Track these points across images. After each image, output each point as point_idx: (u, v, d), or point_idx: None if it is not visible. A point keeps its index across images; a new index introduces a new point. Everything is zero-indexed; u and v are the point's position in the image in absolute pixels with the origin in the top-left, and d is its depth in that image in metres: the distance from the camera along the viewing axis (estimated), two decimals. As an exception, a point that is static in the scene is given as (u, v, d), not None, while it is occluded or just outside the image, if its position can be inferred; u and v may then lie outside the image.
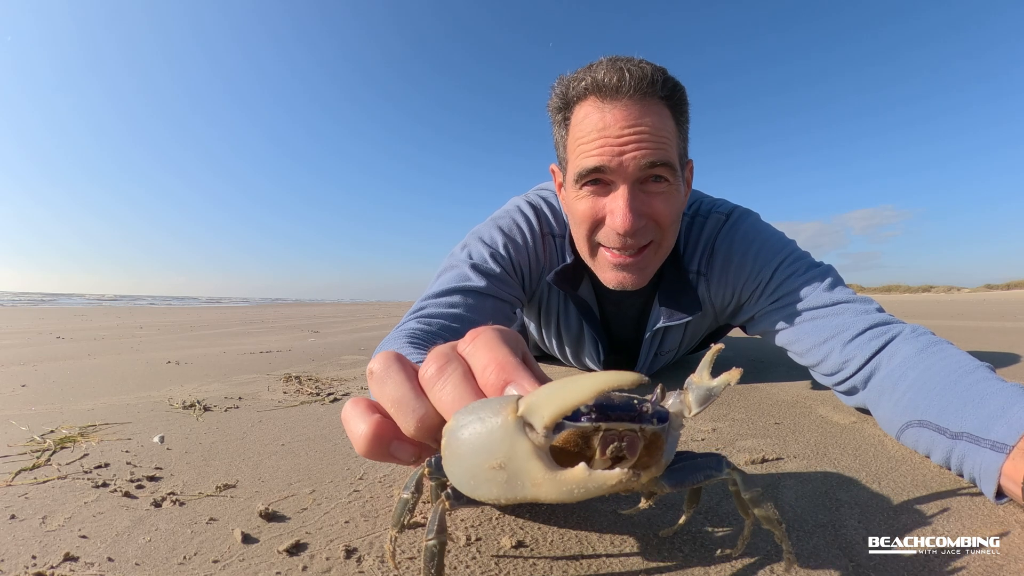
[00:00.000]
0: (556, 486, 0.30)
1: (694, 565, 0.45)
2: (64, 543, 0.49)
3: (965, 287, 26.40)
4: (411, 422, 0.39)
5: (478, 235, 1.11)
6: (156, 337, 3.07)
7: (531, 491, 0.30)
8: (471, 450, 0.31)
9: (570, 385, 0.31)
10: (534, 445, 0.30)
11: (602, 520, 0.53)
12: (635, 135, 0.86)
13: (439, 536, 0.36)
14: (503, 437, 0.31)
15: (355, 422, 0.42)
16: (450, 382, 0.38)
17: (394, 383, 0.40)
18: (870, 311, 0.89)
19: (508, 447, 0.30)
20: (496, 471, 0.31)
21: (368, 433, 0.40)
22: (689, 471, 0.41)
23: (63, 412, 1.05)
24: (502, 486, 0.31)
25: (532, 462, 0.30)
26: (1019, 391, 0.61)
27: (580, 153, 0.90)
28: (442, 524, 0.36)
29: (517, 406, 0.31)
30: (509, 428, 0.31)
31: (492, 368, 0.38)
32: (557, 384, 0.31)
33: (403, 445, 0.41)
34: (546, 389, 0.31)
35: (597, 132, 0.88)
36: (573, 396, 0.30)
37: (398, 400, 0.40)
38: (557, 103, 0.97)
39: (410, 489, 0.40)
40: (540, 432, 0.31)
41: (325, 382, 1.44)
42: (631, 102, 0.87)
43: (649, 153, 0.86)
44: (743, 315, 1.12)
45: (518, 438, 0.30)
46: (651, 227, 0.92)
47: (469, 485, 0.32)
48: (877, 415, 0.82)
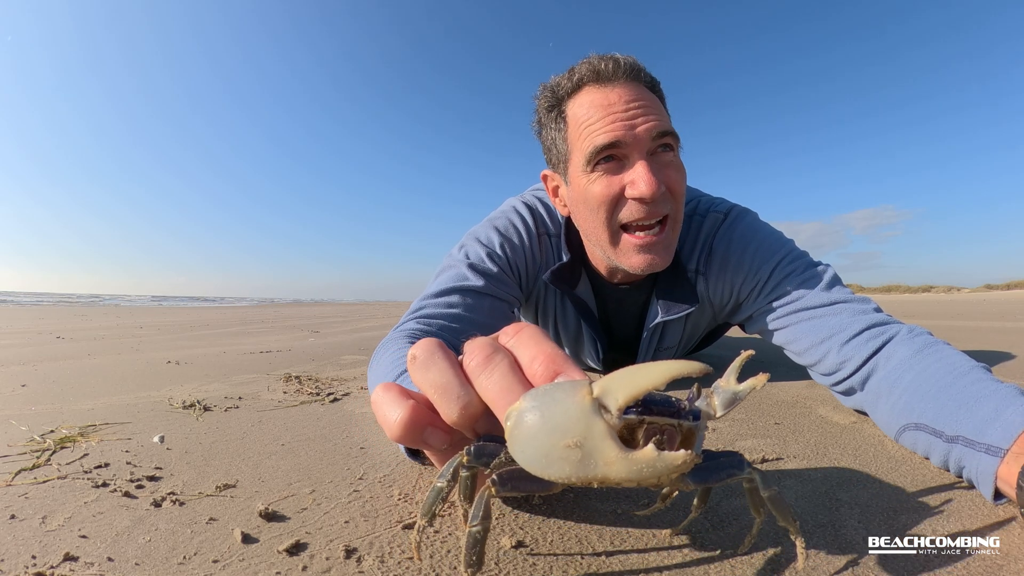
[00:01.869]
0: (628, 465, 0.31)
1: (694, 565, 0.45)
2: (64, 543, 0.49)
3: (965, 287, 26.41)
4: (455, 409, 0.39)
5: (475, 236, 1.11)
6: (156, 337, 3.07)
7: (602, 470, 0.31)
8: (547, 429, 0.32)
9: (643, 371, 0.32)
10: (608, 426, 0.31)
11: (602, 520, 0.53)
12: (640, 107, 0.90)
13: (484, 522, 0.36)
14: (580, 417, 0.31)
15: (389, 407, 0.41)
16: (497, 371, 0.38)
17: (439, 369, 0.40)
18: (868, 311, 0.89)
19: (584, 426, 0.31)
20: (571, 450, 0.31)
21: (404, 418, 0.40)
22: (713, 469, 0.42)
23: (63, 412, 1.05)
24: (575, 464, 0.31)
25: (606, 442, 0.31)
26: (1013, 393, 0.61)
27: (588, 135, 0.92)
28: (487, 510, 0.36)
29: (591, 389, 0.32)
30: (586, 408, 0.31)
31: (541, 360, 0.38)
32: (631, 369, 0.33)
33: (437, 432, 0.41)
34: (620, 373, 0.33)
35: (604, 110, 0.90)
36: (647, 380, 0.32)
37: (443, 386, 0.39)
38: (547, 104, 0.99)
39: (445, 477, 0.40)
40: (614, 414, 0.32)
41: (325, 382, 1.44)
42: (627, 82, 0.92)
43: (658, 123, 0.90)
44: (741, 314, 1.12)
45: (594, 418, 0.31)
46: (667, 197, 0.94)
47: (541, 464, 0.32)
48: (875, 417, 0.82)
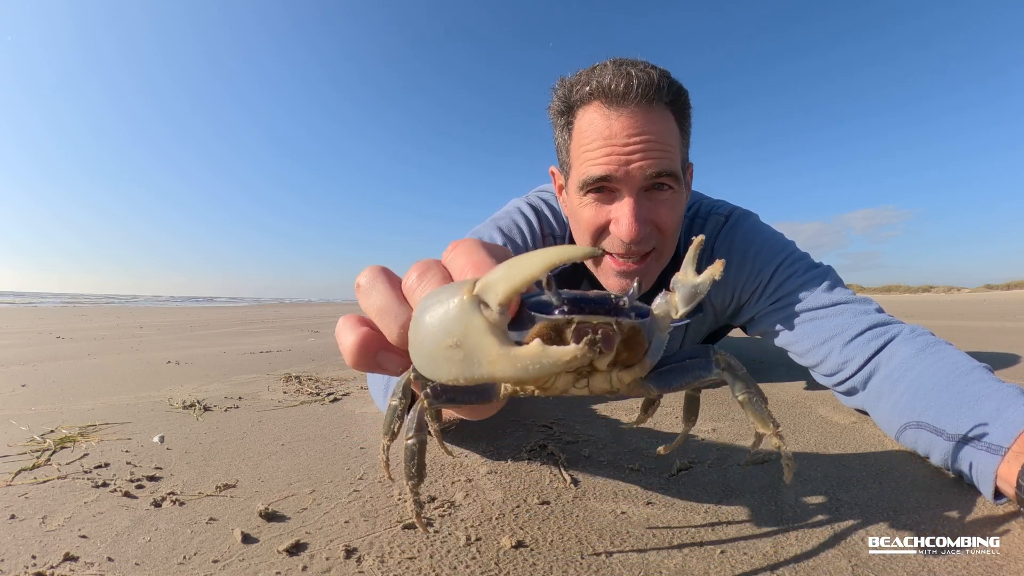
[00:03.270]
0: (511, 362, 0.30)
1: (694, 565, 0.45)
2: (64, 543, 0.49)
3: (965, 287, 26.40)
4: (394, 328, 0.40)
5: (477, 235, 1.10)
6: (156, 337, 3.07)
7: (487, 368, 0.30)
8: (430, 331, 0.31)
9: (522, 260, 0.31)
10: (488, 322, 0.30)
11: (602, 520, 0.53)
12: (641, 143, 0.85)
13: (418, 434, 0.38)
14: (458, 315, 0.31)
15: (344, 334, 0.42)
16: (430, 285, 0.38)
17: (378, 292, 0.41)
18: (869, 311, 0.89)
19: (463, 325, 0.30)
20: (453, 349, 0.31)
21: (356, 342, 0.41)
22: (678, 373, 0.41)
23: (63, 412, 1.05)
24: (459, 364, 0.31)
25: (486, 338, 0.30)
26: (1014, 392, 0.61)
27: (585, 160, 0.89)
28: (421, 422, 0.38)
29: (473, 286, 0.31)
30: (464, 306, 0.31)
31: (469, 269, 0.38)
32: (509, 261, 0.32)
33: (389, 355, 0.42)
34: (499, 268, 0.32)
35: (603, 140, 0.87)
36: (525, 271, 0.30)
37: (382, 308, 0.40)
38: (559, 106, 0.96)
39: (397, 395, 0.41)
40: (495, 309, 0.31)
41: (325, 382, 1.44)
42: (637, 109, 0.86)
43: (655, 163, 0.86)
44: (743, 316, 1.12)
45: (473, 315, 0.30)
46: (654, 234, 0.92)
47: (430, 367, 0.32)
48: (876, 416, 0.82)
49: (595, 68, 0.91)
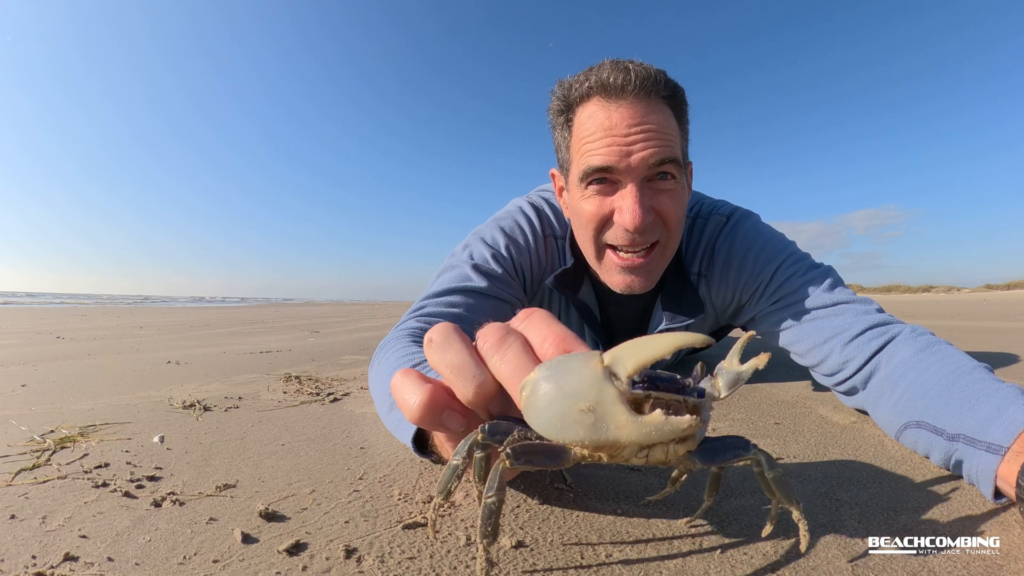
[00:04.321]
0: (637, 428, 0.34)
1: (694, 565, 0.45)
2: (64, 543, 0.49)
3: (965, 287, 26.39)
4: (471, 387, 0.40)
5: (480, 235, 1.10)
6: (156, 337, 3.07)
7: (614, 433, 0.34)
8: (562, 395, 0.34)
9: (651, 341, 0.35)
10: (619, 391, 0.34)
11: (602, 520, 0.53)
12: (642, 133, 0.86)
13: (499, 494, 0.38)
14: (592, 383, 0.34)
15: (409, 391, 0.43)
16: (510, 351, 0.40)
17: (455, 350, 0.42)
18: (870, 311, 0.89)
19: (597, 392, 0.34)
20: (585, 414, 0.34)
21: (424, 400, 0.42)
22: (719, 450, 0.43)
23: (63, 412, 1.05)
24: (589, 427, 0.34)
25: (617, 406, 0.34)
26: (1015, 392, 0.61)
27: (586, 152, 0.89)
28: (502, 483, 0.38)
29: (603, 358, 0.35)
30: (598, 375, 0.34)
31: (551, 340, 0.40)
32: (639, 340, 0.35)
33: (454, 414, 0.43)
34: (628, 344, 0.35)
35: (603, 131, 0.87)
36: (654, 350, 0.34)
37: (459, 366, 0.41)
38: (558, 105, 0.96)
39: (460, 455, 0.41)
40: (624, 381, 0.34)
41: (325, 382, 1.44)
42: (636, 100, 0.87)
43: (657, 151, 0.86)
44: (744, 316, 1.12)
45: (606, 384, 0.34)
46: (658, 225, 0.92)
47: (556, 428, 0.35)
48: (876, 416, 0.82)
49: (593, 67, 0.92)
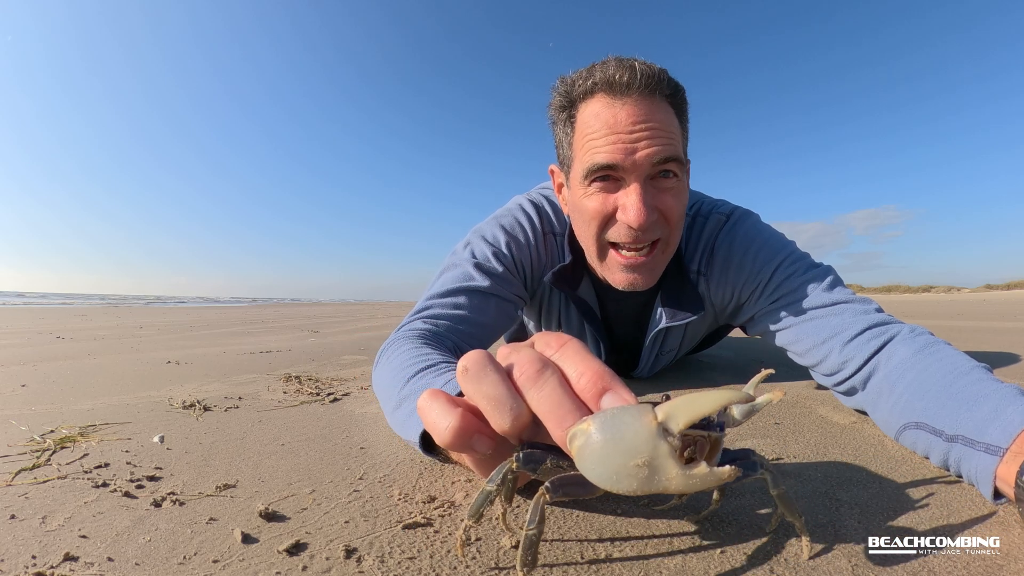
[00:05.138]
0: (685, 480, 0.36)
1: (694, 565, 0.45)
2: (64, 543, 0.49)
3: (965, 287, 26.39)
4: (507, 420, 0.41)
5: (480, 233, 1.10)
6: (156, 337, 3.07)
7: (664, 484, 0.36)
8: (618, 450, 0.36)
9: (701, 398, 0.37)
10: (671, 447, 0.36)
11: (602, 520, 0.53)
12: (646, 131, 0.87)
13: (539, 526, 0.40)
14: (647, 439, 0.36)
15: (439, 416, 0.44)
16: (548, 385, 0.41)
17: (491, 382, 0.42)
18: (869, 311, 0.89)
19: (652, 448, 0.36)
20: (640, 468, 0.36)
21: (456, 426, 0.43)
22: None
23: (63, 412, 1.05)
24: (643, 480, 0.36)
25: (670, 461, 0.36)
26: (1014, 392, 0.61)
27: (589, 149, 0.90)
28: (542, 515, 0.40)
29: (656, 414, 0.37)
30: (652, 432, 0.36)
31: (588, 376, 0.41)
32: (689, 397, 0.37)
33: (483, 439, 0.44)
34: (680, 401, 0.37)
35: (608, 128, 0.87)
36: (704, 407, 0.37)
37: (496, 398, 0.42)
38: (561, 101, 0.96)
39: (495, 482, 0.42)
40: (676, 436, 0.37)
41: (325, 382, 1.44)
42: (640, 98, 0.87)
43: (661, 149, 0.87)
44: (743, 315, 1.12)
45: (660, 442, 0.36)
46: (660, 223, 0.93)
47: (611, 480, 0.37)
48: (875, 416, 0.82)
49: (596, 64, 0.92)
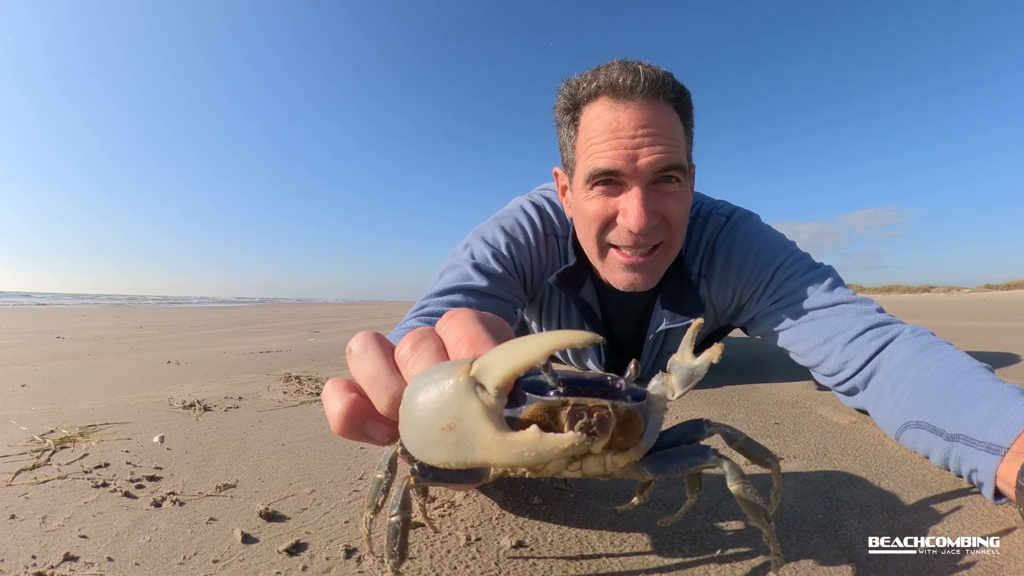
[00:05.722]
0: (506, 448, 0.29)
1: (694, 565, 0.45)
2: (64, 543, 0.49)
3: (965, 287, 26.39)
4: (384, 398, 0.39)
5: (480, 234, 1.10)
6: (156, 337, 3.07)
7: (481, 454, 0.29)
8: (423, 412, 0.31)
9: (522, 344, 0.30)
10: (484, 406, 0.30)
11: (602, 520, 0.53)
12: (649, 136, 0.86)
13: (402, 512, 0.36)
14: (453, 397, 0.30)
15: (332, 400, 0.42)
16: (423, 358, 0.38)
17: (370, 360, 0.41)
18: (870, 311, 0.89)
19: (458, 407, 0.30)
20: (446, 432, 0.30)
21: (343, 411, 0.40)
22: (673, 458, 0.39)
23: (63, 412, 1.05)
24: (451, 448, 0.30)
25: (482, 423, 0.29)
26: (1015, 392, 0.61)
27: (592, 153, 0.90)
28: (406, 500, 0.36)
29: (470, 367, 0.31)
30: (460, 388, 0.30)
31: (463, 343, 0.37)
32: (509, 343, 0.31)
33: (377, 425, 0.41)
34: (498, 349, 0.31)
35: (610, 132, 0.87)
36: (525, 355, 0.30)
37: (373, 376, 0.40)
38: (565, 104, 0.96)
39: (383, 468, 0.39)
40: (492, 393, 0.30)
41: (325, 382, 1.44)
42: (644, 102, 0.87)
43: (663, 157, 0.87)
44: (743, 316, 1.12)
45: (468, 398, 0.30)
46: (662, 227, 0.92)
47: (421, 448, 0.31)
48: (876, 416, 0.82)
49: (601, 67, 0.92)
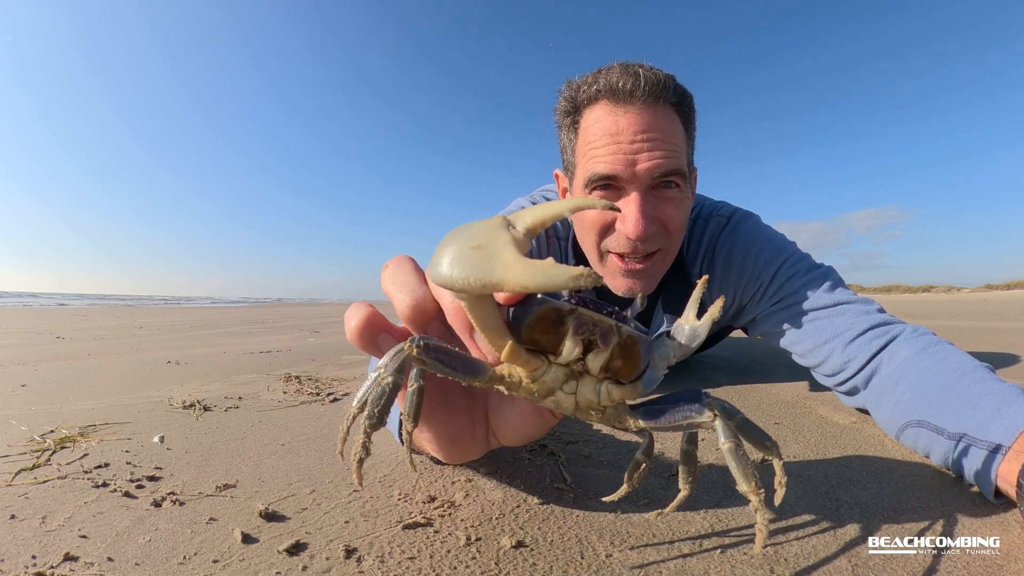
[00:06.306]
0: (524, 267, 0.32)
1: (694, 565, 0.45)
2: (64, 543, 0.49)
3: (965, 287, 26.39)
4: (408, 300, 0.42)
5: None
6: (156, 337, 3.07)
7: (500, 272, 0.32)
8: (460, 239, 0.34)
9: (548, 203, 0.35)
10: (512, 237, 0.34)
11: (602, 520, 0.53)
12: (647, 141, 0.85)
13: (396, 376, 0.37)
14: (488, 227, 0.35)
15: (353, 312, 0.45)
16: None
17: (404, 271, 0.44)
18: (871, 312, 0.89)
19: (490, 233, 0.34)
20: (475, 251, 0.33)
21: (362, 320, 0.43)
22: (668, 410, 0.41)
23: (63, 412, 1.05)
24: (476, 265, 0.33)
25: (508, 248, 0.33)
26: (1016, 392, 0.61)
27: (591, 158, 0.89)
28: (402, 367, 0.37)
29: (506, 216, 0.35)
30: (495, 223, 0.35)
31: None
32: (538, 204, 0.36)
33: (389, 339, 0.44)
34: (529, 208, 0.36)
35: (609, 137, 0.86)
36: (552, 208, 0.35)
37: (403, 281, 0.43)
38: (566, 107, 0.96)
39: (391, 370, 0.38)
40: (520, 230, 0.34)
41: (325, 382, 1.44)
42: (644, 106, 0.86)
43: (662, 163, 0.85)
44: (744, 317, 1.12)
45: (500, 229, 0.34)
46: (660, 233, 0.92)
47: (447, 268, 0.34)
48: (877, 416, 0.82)
49: (601, 69, 0.91)
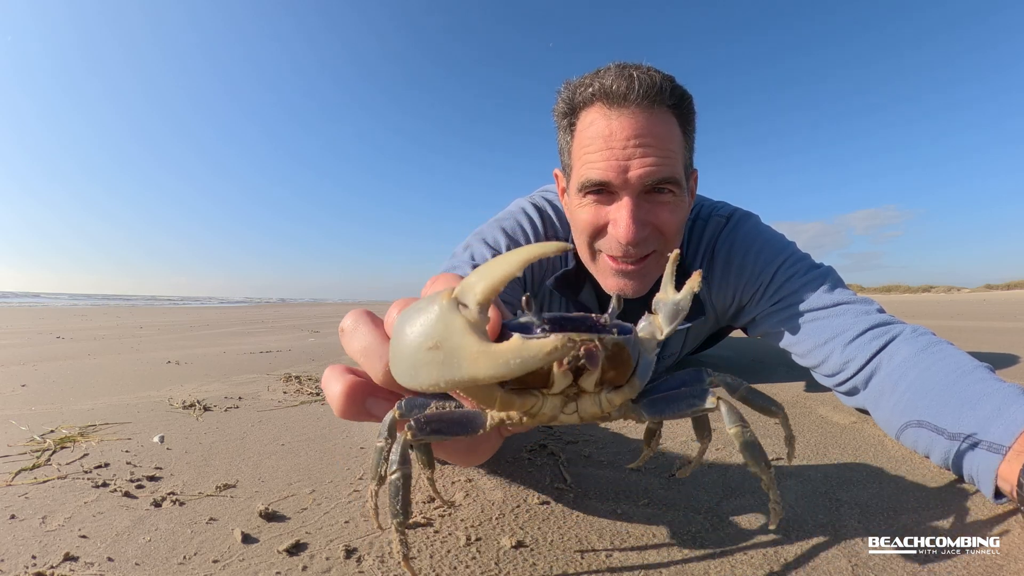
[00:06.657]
0: (491, 359, 0.29)
1: (694, 565, 0.45)
2: (64, 543, 0.49)
3: (965, 287, 26.38)
4: (379, 367, 0.40)
5: (481, 236, 1.10)
6: (156, 337, 3.07)
7: (468, 369, 0.30)
8: (410, 337, 0.31)
9: (497, 261, 0.32)
10: (467, 321, 0.31)
11: (602, 520, 0.53)
12: (640, 147, 0.84)
13: (402, 468, 0.36)
14: (438, 318, 0.31)
15: (331, 383, 0.43)
16: None
17: (361, 334, 0.41)
18: (871, 312, 0.89)
19: (443, 326, 0.31)
20: (433, 352, 0.30)
21: (343, 390, 0.41)
22: (671, 400, 0.40)
23: (63, 412, 1.05)
24: (439, 367, 0.30)
25: (466, 338, 0.30)
26: (1016, 392, 0.61)
27: (584, 163, 0.88)
28: (405, 455, 0.36)
29: (452, 291, 0.32)
30: (443, 308, 0.31)
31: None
32: (486, 264, 0.32)
33: (378, 401, 0.42)
34: (477, 270, 0.32)
35: (602, 141, 0.86)
36: (502, 269, 0.31)
37: (366, 348, 0.41)
38: (563, 108, 0.95)
39: (383, 435, 0.39)
40: (474, 309, 0.31)
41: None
42: (638, 110, 0.85)
43: (654, 170, 0.85)
44: (744, 317, 1.12)
45: (451, 316, 0.31)
46: (654, 237, 0.91)
47: (410, 375, 0.32)
48: (877, 416, 0.82)
49: (599, 71, 0.91)
